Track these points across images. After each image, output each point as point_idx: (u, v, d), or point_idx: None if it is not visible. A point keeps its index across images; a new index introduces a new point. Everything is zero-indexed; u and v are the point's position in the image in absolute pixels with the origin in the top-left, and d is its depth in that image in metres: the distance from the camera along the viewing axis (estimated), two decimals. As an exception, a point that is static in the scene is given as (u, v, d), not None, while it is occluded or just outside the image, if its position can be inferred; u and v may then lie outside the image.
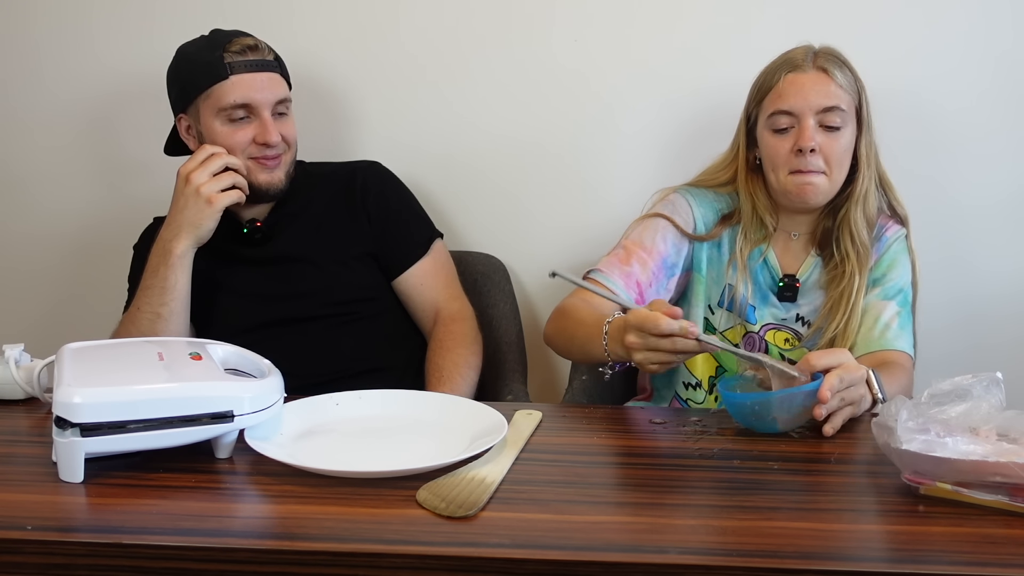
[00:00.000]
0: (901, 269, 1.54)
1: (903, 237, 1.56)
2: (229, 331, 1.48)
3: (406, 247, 1.72)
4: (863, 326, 1.50)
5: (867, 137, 1.52)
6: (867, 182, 1.52)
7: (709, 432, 1.19)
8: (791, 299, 1.56)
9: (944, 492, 0.97)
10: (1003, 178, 1.86)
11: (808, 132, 1.46)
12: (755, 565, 0.85)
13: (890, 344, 1.47)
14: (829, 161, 1.48)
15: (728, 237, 1.58)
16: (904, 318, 1.51)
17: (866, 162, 1.52)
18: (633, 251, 1.55)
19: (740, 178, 1.58)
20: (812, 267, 1.56)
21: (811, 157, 1.46)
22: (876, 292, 1.52)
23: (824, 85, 1.47)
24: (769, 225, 1.56)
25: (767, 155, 1.52)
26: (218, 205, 1.54)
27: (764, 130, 1.52)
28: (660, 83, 1.88)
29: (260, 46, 1.62)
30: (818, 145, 1.46)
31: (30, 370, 1.28)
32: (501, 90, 1.92)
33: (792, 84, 1.48)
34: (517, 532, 0.91)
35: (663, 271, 1.56)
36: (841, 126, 1.48)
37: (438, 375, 1.62)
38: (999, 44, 1.81)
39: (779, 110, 1.49)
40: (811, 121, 1.47)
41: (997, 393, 1.03)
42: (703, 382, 1.59)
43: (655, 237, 1.56)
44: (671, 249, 1.56)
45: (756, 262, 1.57)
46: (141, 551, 0.89)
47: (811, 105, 1.47)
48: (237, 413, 1.06)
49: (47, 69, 2.00)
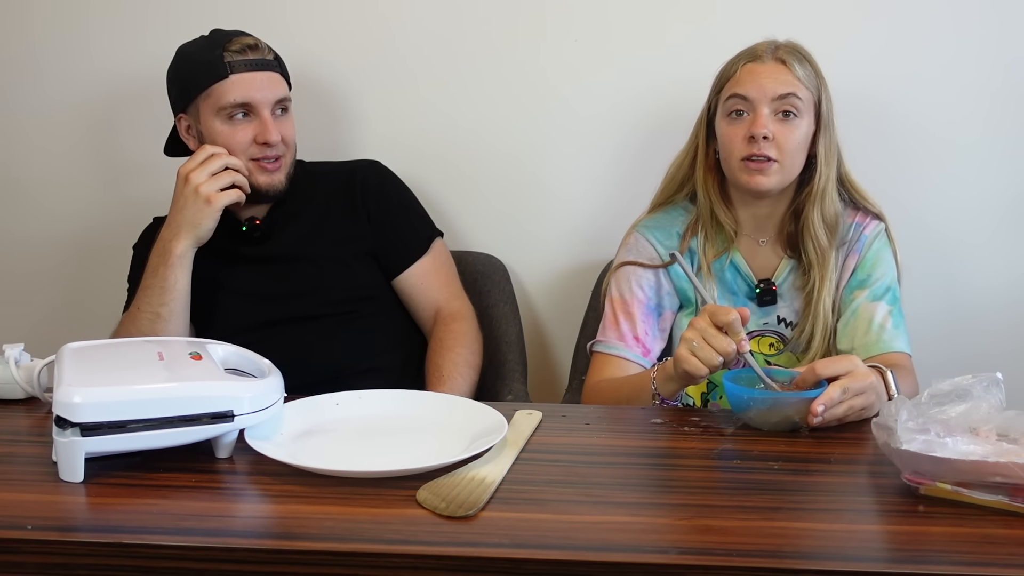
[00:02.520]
0: (885, 266, 1.53)
1: (882, 232, 1.55)
2: (229, 331, 1.48)
3: (406, 246, 1.72)
4: (858, 331, 1.49)
5: (827, 137, 1.51)
6: (825, 181, 1.51)
7: (709, 432, 1.19)
8: (771, 303, 1.56)
9: (944, 492, 0.97)
10: (994, 184, 1.86)
11: (762, 119, 1.47)
12: (755, 565, 0.85)
13: (888, 347, 1.47)
14: (782, 148, 1.47)
15: (694, 247, 1.57)
16: (896, 316, 1.50)
17: (824, 160, 1.51)
18: (617, 309, 1.57)
19: (698, 175, 1.58)
20: (787, 270, 1.56)
21: (763, 144, 1.47)
22: (864, 294, 1.51)
23: (781, 74, 1.48)
24: (728, 226, 1.56)
25: (722, 143, 1.52)
26: (217, 204, 1.54)
27: (721, 118, 1.53)
28: (660, 84, 1.89)
29: (260, 45, 1.62)
30: (771, 133, 1.46)
31: (30, 370, 1.28)
32: (501, 90, 1.92)
33: (750, 73, 1.50)
34: (517, 532, 0.91)
35: (650, 315, 1.57)
36: (797, 116, 1.48)
37: (438, 375, 1.62)
38: (992, 49, 1.81)
39: (735, 94, 1.50)
40: (766, 109, 1.47)
41: (997, 393, 1.03)
42: (696, 400, 1.60)
43: (630, 287, 1.58)
44: (649, 292, 1.58)
45: (723, 269, 1.57)
46: (141, 551, 0.89)
47: (767, 93, 1.47)
48: (237, 413, 1.06)
49: (45, 71, 2.00)
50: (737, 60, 1.53)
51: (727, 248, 1.57)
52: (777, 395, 1.21)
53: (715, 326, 1.24)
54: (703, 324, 1.25)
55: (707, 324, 1.25)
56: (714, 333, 1.24)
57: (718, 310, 1.25)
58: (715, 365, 1.24)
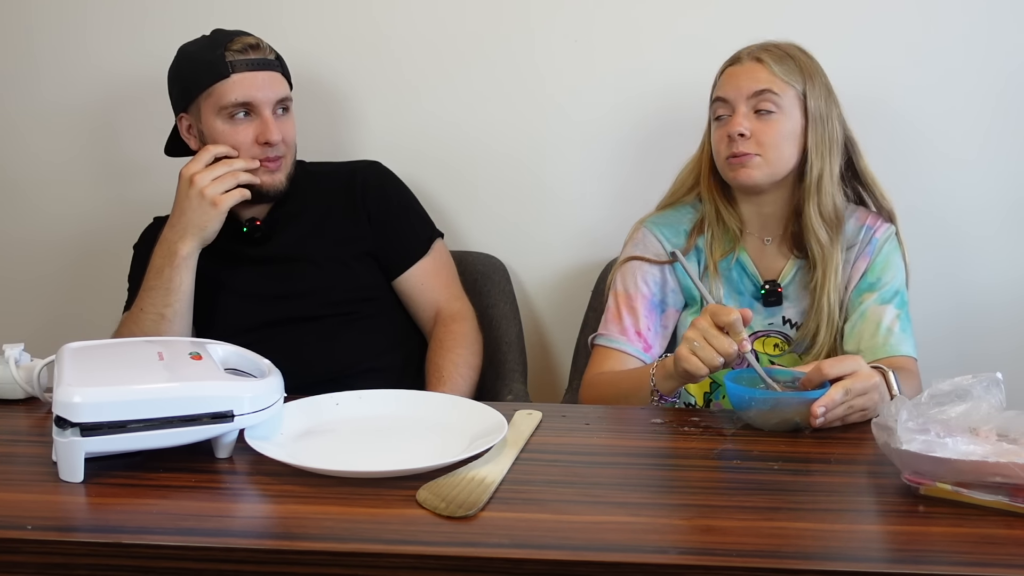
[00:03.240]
0: (895, 270, 1.54)
1: (893, 236, 1.56)
2: (229, 331, 1.48)
3: (406, 247, 1.72)
4: (865, 333, 1.49)
5: (816, 129, 1.51)
6: (816, 174, 1.51)
7: (709, 432, 1.19)
8: (776, 303, 1.56)
9: (944, 492, 0.97)
10: (998, 183, 1.86)
11: (737, 118, 1.49)
12: (755, 565, 0.85)
13: (894, 350, 1.48)
14: (762, 143, 1.49)
15: (700, 246, 1.58)
16: (904, 320, 1.50)
17: (815, 154, 1.51)
18: (621, 303, 1.57)
19: (703, 179, 1.60)
20: (794, 270, 1.56)
21: (740, 142, 1.49)
22: (873, 297, 1.52)
23: (756, 72, 1.50)
24: (733, 227, 1.57)
25: (713, 146, 1.56)
26: (223, 207, 1.54)
27: (711, 123, 1.57)
28: (660, 84, 1.89)
29: (262, 45, 1.62)
30: (747, 130, 1.48)
31: (30, 369, 1.28)
32: (502, 91, 1.92)
33: (729, 76, 1.54)
34: (517, 532, 0.91)
35: (653, 310, 1.57)
36: (775, 111, 1.49)
37: (438, 375, 1.62)
38: (996, 51, 1.81)
39: (717, 97, 1.54)
40: (743, 108, 1.50)
41: (997, 393, 1.03)
42: (698, 400, 1.59)
43: (636, 281, 1.58)
44: (653, 288, 1.58)
45: (730, 268, 1.57)
46: (141, 551, 0.89)
47: (742, 92, 1.50)
48: (237, 413, 1.06)
49: (44, 72, 2.00)
50: (723, 66, 1.56)
51: (733, 247, 1.57)
52: (778, 395, 1.21)
53: (717, 326, 1.24)
54: (704, 324, 1.25)
55: (708, 324, 1.25)
56: (715, 333, 1.24)
57: (720, 310, 1.25)
58: (716, 365, 1.24)
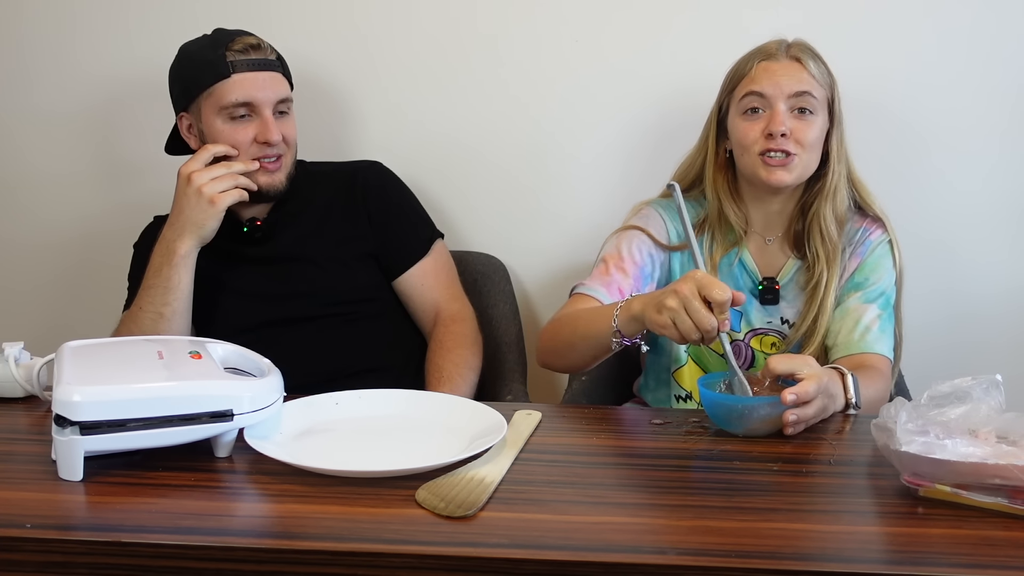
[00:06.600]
0: (883, 272, 1.53)
1: (886, 240, 1.56)
2: (229, 330, 1.47)
3: (407, 247, 1.72)
4: (843, 329, 1.50)
5: (838, 132, 1.53)
6: (837, 177, 1.52)
7: (709, 432, 1.19)
8: (772, 301, 1.56)
9: (943, 494, 0.97)
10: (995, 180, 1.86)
11: (780, 116, 1.47)
12: (754, 566, 0.85)
13: (869, 347, 1.47)
14: (801, 144, 1.48)
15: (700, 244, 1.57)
16: (885, 321, 1.50)
17: (836, 157, 1.52)
18: (611, 262, 1.56)
19: (708, 175, 1.58)
20: (792, 270, 1.57)
21: (782, 140, 1.47)
22: (858, 296, 1.52)
23: (797, 72, 1.49)
24: (737, 226, 1.56)
25: (737, 140, 1.52)
26: (221, 205, 1.54)
27: (735, 116, 1.53)
28: (660, 84, 1.89)
29: (263, 45, 1.62)
30: (789, 130, 1.47)
31: (29, 368, 1.28)
32: (502, 90, 1.92)
33: (765, 71, 1.50)
34: (516, 532, 0.91)
35: (641, 279, 1.56)
36: (812, 112, 1.49)
37: (438, 376, 1.61)
38: (993, 46, 1.81)
39: (751, 91, 1.50)
40: (783, 106, 1.48)
41: (996, 395, 1.03)
42: (693, 393, 1.59)
43: (631, 247, 1.56)
44: (647, 259, 1.56)
45: (732, 266, 1.57)
46: (140, 550, 0.89)
47: (784, 90, 1.48)
48: (236, 412, 1.06)
49: (42, 73, 2.00)
50: (750, 58, 1.53)
51: (736, 245, 1.57)
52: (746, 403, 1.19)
53: (702, 298, 1.18)
54: (688, 293, 1.18)
55: (693, 294, 1.18)
56: (698, 307, 1.17)
57: (710, 283, 1.18)
58: (692, 340, 1.20)
